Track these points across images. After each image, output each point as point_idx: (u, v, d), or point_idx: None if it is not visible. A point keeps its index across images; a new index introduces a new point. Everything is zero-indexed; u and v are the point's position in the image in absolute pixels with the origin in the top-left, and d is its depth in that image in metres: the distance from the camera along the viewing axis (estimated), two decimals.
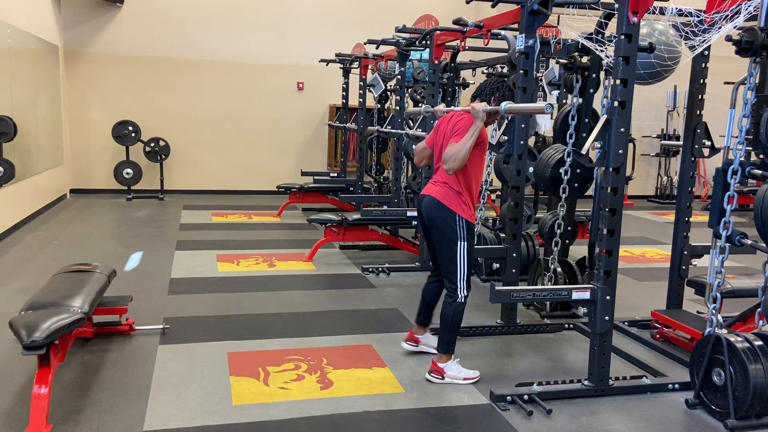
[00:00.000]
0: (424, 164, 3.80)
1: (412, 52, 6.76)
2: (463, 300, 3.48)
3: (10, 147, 6.88)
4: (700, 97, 3.99)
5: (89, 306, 3.23)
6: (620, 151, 3.14)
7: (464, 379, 3.48)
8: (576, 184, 4.57)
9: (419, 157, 3.76)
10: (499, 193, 7.71)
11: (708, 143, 4.05)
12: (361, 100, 8.52)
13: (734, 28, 3.29)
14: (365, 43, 7.62)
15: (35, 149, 7.99)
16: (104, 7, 9.72)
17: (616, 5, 3.09)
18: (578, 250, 5.52)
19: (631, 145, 9.14)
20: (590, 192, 4.64)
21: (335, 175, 9.75)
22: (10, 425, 2.88)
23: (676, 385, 3.47)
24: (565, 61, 4.35)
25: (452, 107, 3.63)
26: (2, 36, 6.69)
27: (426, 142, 3.71)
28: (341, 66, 9.18)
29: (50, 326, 2.82)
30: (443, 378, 3.48)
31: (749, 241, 3.37)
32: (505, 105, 3.34)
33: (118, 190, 9.91)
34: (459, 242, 3.45)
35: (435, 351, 3.61)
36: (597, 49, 3.92)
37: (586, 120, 4.41)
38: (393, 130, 7.02)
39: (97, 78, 9.87)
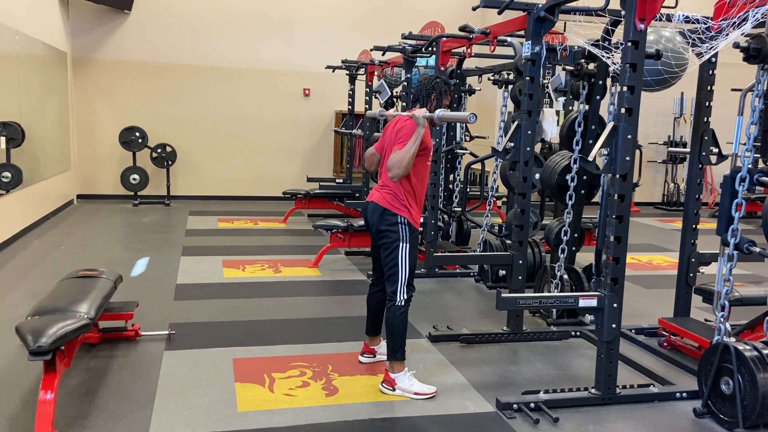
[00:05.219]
0: (374, 169, 3.71)
1: (418, 58, 6.76)
2: (402, 303, 3.41)
3: (18, 152, 6.92)
4: (707, 104, 3.97)
5: (95, 312, 3.24)
6: (627, 158, 3.13)
7: (415, 393, 3.36)
8: (582, 191, 4.56)
9: (369, 162, 3.68)
10: (505, 199, 7.69)
11: (715, 150, 4.04)
12: (367, 106, 8.53)
13: (742, 35, 3.27)
14: (371, 50, 7.63)
15: (43, 155, 8.04)
16: (112, 14, 9.79)
17: (623, 12, 3.09)
18: (585, 257, 5.50)
19: (637, 151, 9.09)
20: (597, 199, 4.63)
21: (341, 181, 9.74)
22: (16, 431, 2.88)
23: (684, 394, 3.45)
24: (571, 68, 4.35)
25: (400, 112, 3.59)
26: (11, 42, 6.75)
27: (375, 147, 3.65)
28: (347, 72, 9.19)
29: (56, 332, 2.83)
30: (394, 390, 3.39)
31: (757, 249, 3.35)
32: (438, 113, 3.31)
33: (125, 195, 9.96)
34: (401, 244, 3.40)
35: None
36: (604, 56, 3.92)
37: (593, 127, 4.41)
38: None
39: (104, 84, 9.93)
